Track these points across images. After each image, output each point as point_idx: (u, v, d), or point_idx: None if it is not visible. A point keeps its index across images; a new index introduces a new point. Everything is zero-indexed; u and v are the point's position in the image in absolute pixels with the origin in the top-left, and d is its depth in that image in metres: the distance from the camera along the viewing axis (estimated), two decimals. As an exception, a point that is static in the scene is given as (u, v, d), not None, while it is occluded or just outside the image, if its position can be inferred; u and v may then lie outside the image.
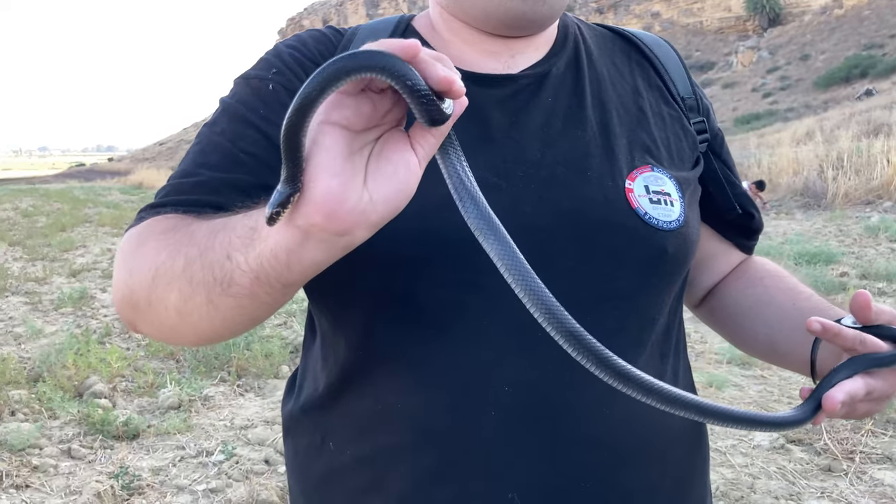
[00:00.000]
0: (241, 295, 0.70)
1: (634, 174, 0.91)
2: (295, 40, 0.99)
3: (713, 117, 1.08)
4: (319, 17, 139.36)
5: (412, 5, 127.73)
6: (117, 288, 0.82)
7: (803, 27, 64.39)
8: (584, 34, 1.04)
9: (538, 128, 0.91)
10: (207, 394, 4.57)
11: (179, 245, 0.75)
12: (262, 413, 4.30)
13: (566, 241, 0.86)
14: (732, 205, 1.06)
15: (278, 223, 0.61)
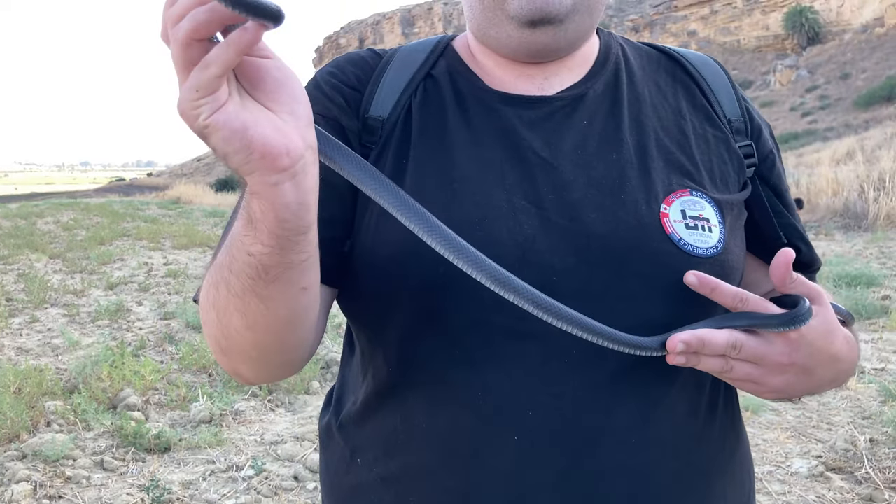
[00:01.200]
0: (281, 274, 0.72)
1: (671, 198, 0.89)
2: (333, 66, 1.00)
3: (766, 139, 1.03)
4: (356, 36, 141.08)
5: (447, 24, 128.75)
6: (210, 348, 0.87)
7: (843, 46, 63.54)
8: (628, 54, 1.02)
9: (571, 149, 0.90)
10: (238, 408, 4.59)
11: (216, 277, 0.78)
12: (292, 429, 4.31)
13: (598, 264, 0.85)
14: (777, 234, 1.00)
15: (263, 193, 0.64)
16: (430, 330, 0.86)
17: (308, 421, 4.42)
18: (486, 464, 0.84)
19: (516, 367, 0.83)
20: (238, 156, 0.62)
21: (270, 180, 0.64)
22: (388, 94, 0.94)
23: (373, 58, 1.00)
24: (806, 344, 0.81)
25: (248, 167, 0.63)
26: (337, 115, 0.93)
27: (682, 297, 0.87)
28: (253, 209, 0.67)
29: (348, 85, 0.96)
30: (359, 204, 0.90)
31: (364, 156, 0.90)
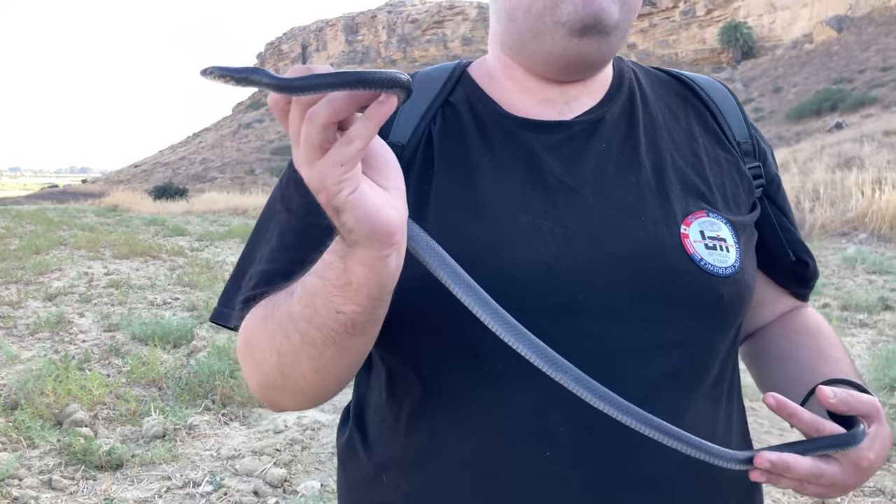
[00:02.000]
0: (366, 328, 0.78)
1: (689, 219, 0.91)
2: None
3: (770, 161, 1.07)
4: (298, 42, 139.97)
5: (391, 32, 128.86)
6: (252, 379, 0.90)
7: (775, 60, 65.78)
8: (640, 78, 1.04)
9: (591, 173, 0.91)
10: (192, 422, 4.48)
11: (284, 325, 0.81)
12: (248, 443, 4.22)
13: (622, 285, 0.86)
14: (786, 251, 1.04)
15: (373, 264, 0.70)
16: (458, 352, 0.87)
17: (265, 434, 4.34)
18: (516, 481, 0.85)
19: (543, 387, 0.83)
20: (361, 233, 0.67)
21: (382, 254, 0.69)
22: (407, 120, 0.94)
23: None
24: (870, 468, 0.85)
25: (366, 243, 0.68)
26: None
27: (703, 316, 0.89)
28: (355, 275, 0.71)
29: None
30: None
31: None
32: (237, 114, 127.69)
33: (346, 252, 0.71)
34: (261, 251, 0.95)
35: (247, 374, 0.91)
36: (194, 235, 17.74)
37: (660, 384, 0.86)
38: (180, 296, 8.87)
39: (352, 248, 0.70)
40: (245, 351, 0.89)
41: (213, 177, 77.10)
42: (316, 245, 0.87)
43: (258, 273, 0.93)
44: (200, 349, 6.08)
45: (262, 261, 0.94)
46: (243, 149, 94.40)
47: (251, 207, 29.95)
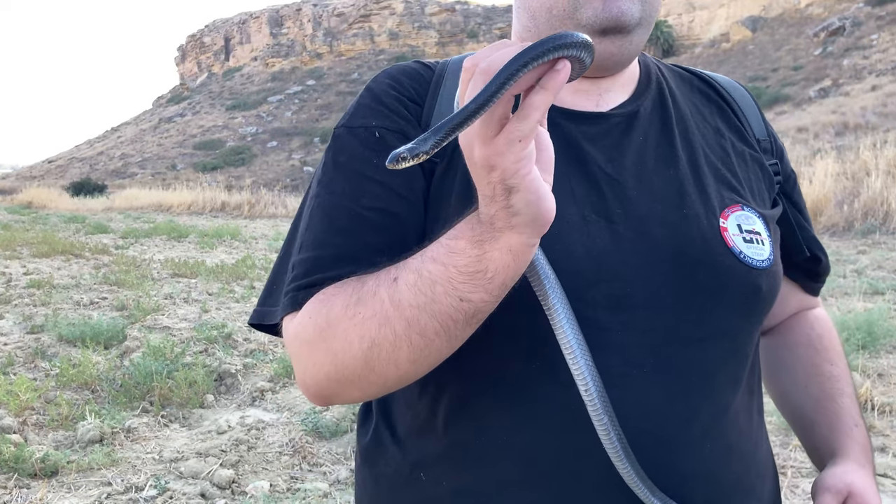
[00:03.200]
0: (483, 318, 0.77)
1: (727, 212, 0.93)
2: (389, 79, 0.98)
3: (787, 159, 1.10)
4: (221, 35, 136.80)
5: (317, 25, 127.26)
6: (318, 371, 0.85)
7: (694, 58, 67.79)
8: (665, 75, 1.06)
9: (632, 165, 0.93)
10: (130, 425, 4.34)
11: (385, 313, 0.79)
12: (192, 444, 4.11)
13: (667, 277, 0.87)
14: (801, 247, 1.08)
15: (520, 251, 0.70)
16: (507, 343, 0.86)
17: (208, 435, 4.24)
18: (571, 477, 0.85)
19: (606, 349, 0.84)
20: (527, 217, 0.67)
21: (531, 242, 0.70)
22: (448, 107, 0.94)
23: (426, 71, 0.99)
24: None
25: (524, 228, 0.68)
26: (404, 128, 0.93)
27: (744, 307, 0.92)
28: (494, 262, 0.71)
29: (409, 98, 0.95)
30: (429, 217, 0.90)
31: (430, 172, 0.91)
32: (158, 108, 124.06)
33: (488, 237, 0.70)
34: (301, 239, 0.91)
35: (311, 366, 0.85)
36: (118, 233, 17.17)
37: (712, 373, 0.89)
38: (108, 295, 8.57)
39: (501, 232, 0.69)
40: (316, 341, 0.84)
41: (134, 172, 74.81)
42: (377, 231, 0.87)
43: (309, 260, 0.88)
44: (134, 350, 5.90)
45: (307, 247, 0.90)
46: (164, 144, 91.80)
47: (175, 204, 29.18)
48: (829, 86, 35.46)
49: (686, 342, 0.87)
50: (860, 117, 19.83)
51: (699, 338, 0.88)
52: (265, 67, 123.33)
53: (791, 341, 1.14)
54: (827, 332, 1.15)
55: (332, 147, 0.95)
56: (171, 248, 14.21)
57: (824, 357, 1.10)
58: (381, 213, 0.88)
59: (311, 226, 0.91)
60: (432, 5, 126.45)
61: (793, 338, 1.14)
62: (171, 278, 9.90)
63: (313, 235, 0.90)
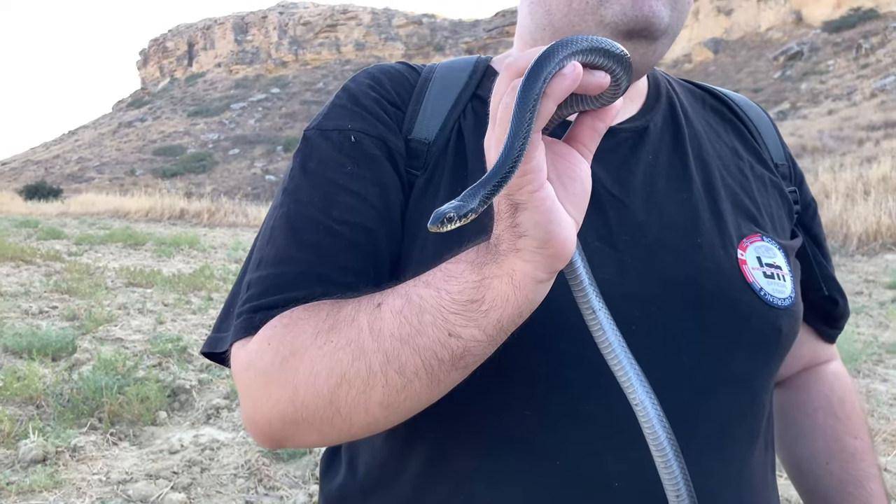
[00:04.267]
0: (473, 363, 0.67)
1: (745, 243, 0.83)
2: (369, 79, 0.87)
3: (806, 187, 1.01)
4: (184, 40, 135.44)
5: (282, 33, 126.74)
6: (269, 409, 0.72)
7: (657, 78, 68.90)
8: (676, 89, 0.97)
9: (641, 186, 0.83)
10: (76, 444, 4.12)
11: (361, 343, 0.67)
12: (141, 465, 3.92)
13: (679, 314, 0.77)
14: (819, 286, 0.98)
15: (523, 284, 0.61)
16: (497, 384, 0.75)
17: (159, 455, 4.05)
18: None
19: (597, 430, 0.74)
20: (533, 241, 0.59)
21: (540, 277, 0.61)
22: (433, 115, 0.84)
23: (410, 73, 0.89)
24: None
25: (531, 255, 0.59)
26: (383, 133, 0.82)
27: (763, 351, 0.82)
28: (493, 292, 0.61)
29: (390, 101, 0.85)
30: (405, 236, 0.81)
31: (409, 184, 0.81)
32: (117, 112, 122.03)
33: (491, 260, 0.61)
34: (260, 254, 0.79)
35: (264, 402, 0.73)
36: (72, 239, 16.71)
37: (728, 426, 0.79)
38: (58, 304, 8.27)
39: (505, 256, 0.60)
40: (274, 372, 0.71)
41: (91, 177, 73.41)
42: (349, 248, 0.76)
43: (268, 277, 0.77)
44: (84, 362, 5.66)
45: (267, 263, 0.78)
46: (123, 148, 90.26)
47: (133, 210, 28.60)
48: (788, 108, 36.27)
49: (699, 390, 0.77)
50: (818, 140, 20.24)
51: (713, 385, 0.78)
52: (229, 74, 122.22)
53: (809, 404, 1.03)
54: (848, 394, 1.04)
55: (302, 151, 0.84)
56: (127, 256, 13.86)
57: (847, 428, 0.99)
58: (354, 228, 0.78)
59: (273, 239, 0.79)
60: (399, 17, 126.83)
61: (810, 399, 1.03)
62: (125, 287, 9.62)
63: (275, 250, 0.78)
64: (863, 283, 9.03)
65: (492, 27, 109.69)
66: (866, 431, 1.00)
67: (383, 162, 0.81)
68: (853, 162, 15.60)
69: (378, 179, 0.79)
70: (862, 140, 19.82)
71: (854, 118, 24.25)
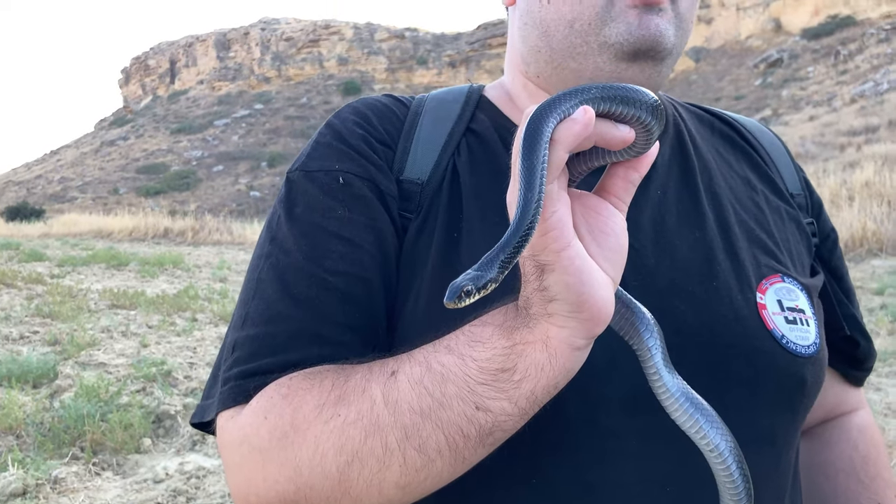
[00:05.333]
0: (501, 438, 0.60)
1: (764, 285, 0.76)
2: (354, 114, 0.80)
3: (825, 216, 0.94)
4: (166, 57, 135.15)
5: (265, 49, 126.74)
6: (266, 490, 0.65)
7: (639, 87, 69.39)
8: (683, 115, 0.90)
9: (649, 226, 0.77)
10: (57, 475, 4.00)
11: (373, 415, 0.60)
12: (124, 496, 3.81)
13: (694, 366, 0.70)
14: (840, 325, 0.90)
15: (559, 351, 0.55)
16: (496, 453, 0.68)
17: (143, 485, 3.94)
18: None
19: (620, 460, 0.68)
20: (564, 306, 0.53)
21: (577, 343, 0.55)
22: (425, 153, 0.77)
23: (398, 107, 0.83)
24: None
25: (564, 320, 0.54)
26: (373, 174, 0.76)
27: (787, 405, 0.76)
28: (525, 360, 0.55)
29: (378, 140, 0.78)
30: (400, 285, 0.75)
31: (403, 228, 0.75)
32: (100, 130, 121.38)
33: (522, 324, 0.55)
34: (246, 310, 0.72)
35: (259, 482, 0.65)
36: (54, 261, 16.51)
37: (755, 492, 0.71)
38: (40, 329, 8.12)
39: (537, 321, 0.54)
40: (272, 449, 0.64)
41: (74, 197, 72.93)
42: (345, 302, 0.69)
43: (258, 338, 0.70)
44: (66, 389, 5.54)
45: (254, 321, 0.71)
46: (106, 167, 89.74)
47: (116, 230, 28.37)
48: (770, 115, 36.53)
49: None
50: (800, 147, 20.34)
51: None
52: (211, 91, 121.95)
53: (831, 466, 0.95)
54: (874, 450, 0.96)
55: (286, 196, 0.77)
56: (111, 277, 13.69)
57: (871, 492, 0.91)
58: (348, 279, 0.71)
59: (260, 293, 0.72)
60: (381, 32, 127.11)
61: (831, 458, 0.95)
62: (108, 310, 9.47)
63: (264, 305, 0.71)
64: (850, 290, 9.03)
65: (474, 40, 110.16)
66: (893, 493, 0.93)
67: (376, 205, 0.75)
68: (836, 168, 15.68)
69: (372, 224, 0.73)
70: (844, 145, 19.95)
71: (835, 124, 24.44)
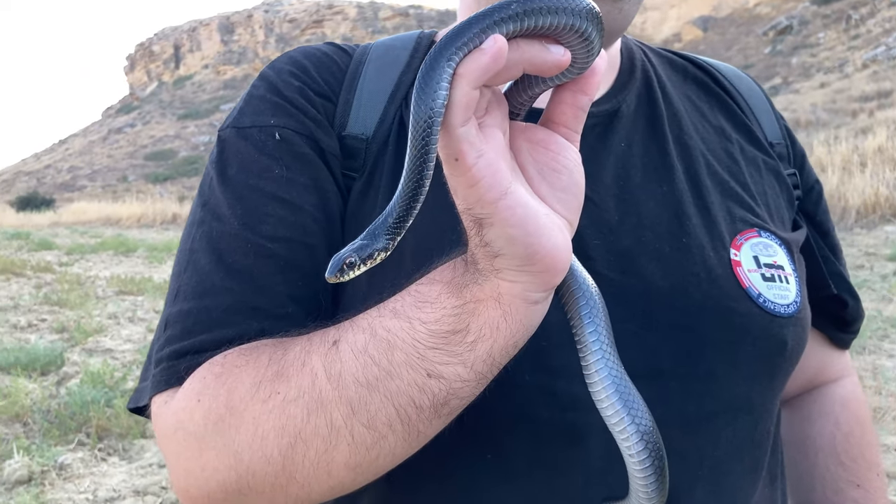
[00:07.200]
0: (459, 407, 0.54)
1: (739, 240, 0.70)
2: (291, 64, 0.73)
3: (808, 168, 0.87)
4: (171, 43, 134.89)
5: (269, 32, 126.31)
6: (206, 479, 0.59)
7: (646, 59, 68.96)
8: (653, 61, 0.83)
9: (612, 181, 0.70)
10: (63, 461, 4.00)
11: (315, 390, 0.54)
12: (130, 481, 3.79)
13: (664, 331, 0.64)
14: (826, 283, 0.83)
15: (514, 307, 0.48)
16: (448, 427, 0.62)
17: (148, 470, 3.92)
18: None
19: (570, 476, 0.62)
20: (510, 260, 0.45)
21: (533, 298, 0.48)
22: (369, 105, 0.71)
23: (341, 56, 0.76)
24: None
25: (514, 275, 0.46)
26: (312, 130, 0.69)
27: (765, 370, 0.69)
28: (478, 319, 0.48)
29: (318, 92, 0.71)
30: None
31: (346, 189, 0.68)
32: (107, 118, 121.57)
33: (471, 280, 0.48)
34: (178, 283, 0.66)
35: (198, 470, 0.59)
36: (63, 249, 16.56)
37: (725, 461, 0.66)
38: (48, 316, 8.13)
39: (486, 277, 0.47)
40: (208, 435, 0.58)
41: (83, 185, 73.21)
42: (286, 270, 0.63)
43: (190, 313, 0.64)
44: (72, 376, 5.53)
45: (186, 294, 0.65)
46: (114, 155, 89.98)
47: (125, 217, 28.46)
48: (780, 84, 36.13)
49: (690, 421, 0.65)
50: (811, 114, 20.09)
51: (707, 414, 0.66)
52: (217, 75, 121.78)
53: (810, 444, 0.88)
54: (858, 427, 0.88)
55: (218, 156, 0.70)
56: (118, 264, 13.71)
57: (851, 475, 0.84)
58: (290, 245, 0.65)
59: (192, 264, 0.66)
60: (385, 10, 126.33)
61: (812, 437, 0.88)
62: (115, 296, 9.48)
63: (197, 278, 0.65)
64: (864, 257, 8.90)
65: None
66: (875, 473, 0.86)
67: (317, 163, 0.68)
68: (848, 134, 15.46)
69: (313, 184, 0.67)
70: (856, 112, 19.69)
71: (847, 90, 24.13)
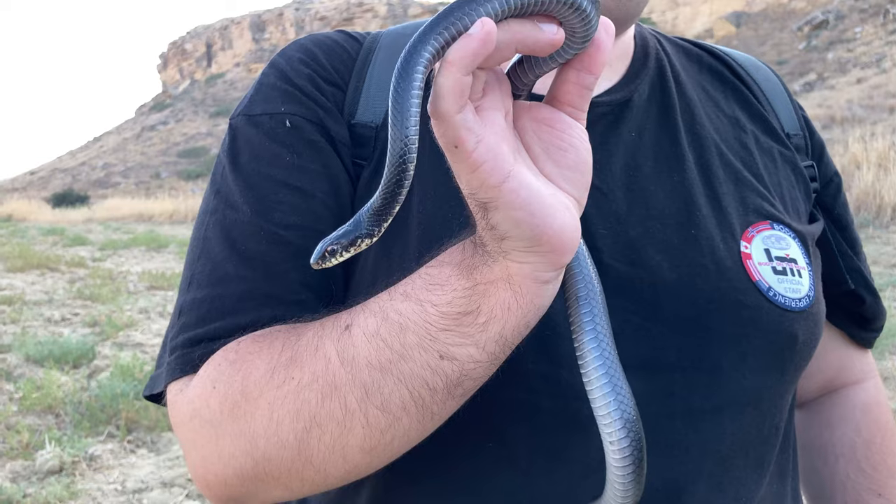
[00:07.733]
0: (472, 388, 0.55)
1: (751, 232, 0.69)
2: (301, 52, 0.74)
3: (827, 159, 0.85)
4: (203, 41, 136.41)
5: (299, 30, 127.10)
6: (223, 466, 0.60)
7: (677, 55, 68.25)
8: (667, 50, 0.82)
9: (622, 171, 0.69)
10: (93, 453, 4.06)
11: (329, 375, 0.55)
12: (157, 472, 3.84)
13: (671, 324, 0.64)
14: (843, 278, 0.82)
15: (525, 288, 0.48)
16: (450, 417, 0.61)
17: (176, 462, 3.97)
18: None
19: (571, 466, 0.61)
20: (517, 242, 0.46)
21: (543, 277, 0.48)
22: (378, 93, 0.71)
23: (350, 44, 0.76)
24: None
25: (522, 256, 0.47)
26: (322, 118, 0.70)
27: (775, 365, 0.68)
28: (491, 300, 0.49)
29: (327, 80, 0.72)
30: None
31: (356, 176, 0.69)
32: (140, 116, 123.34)
33: (481, 262, 0.49)
34: (191, 271, 0.68)
35: (214, 457, 0.61)
36: (96, 245, 16.84)
37: (729, 458, 0.65)
38: (80, 311, 8.27)
39: (495, 259, 0.47)
40: (224, 422, 0.60)
41: (117, 182, 74.36)
42: (297, 256, 0.63)
43: (204, 301, 0.65)
44: (103, 369, 5.62)
45: (200, 283, 0.66)
46: (147, 152, 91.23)
47: (157, 213, 28.85)
48: (815, 80, 35.54)
49: (695, 414, 0.64)
50: (847, 110, 19.73)
51: (713, 408, 0.65)
52: (248, 73, 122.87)
53: (830, 450, 0.86)
54: (879, 434, 0.86)
55: (230, 145, 0.71)
56: (150, 260, 13.90)
57: (872, 484, 0.83)
58: (302, 232, 0.65)
59: (205, 252, 0.67)
60: (415, 7, 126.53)
61: (832, 443, 0.86)
62: (146, 291, 9.61)
63: (210, 266, 0.66)
64: (899, 255, 8.72)
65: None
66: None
67: (328, 150, 0.69)
68: (885, 130, 15.16)
69: (324, 171, 0.68)
70: (893, 108, 19.30)
71: (884, 86, 23.65)
